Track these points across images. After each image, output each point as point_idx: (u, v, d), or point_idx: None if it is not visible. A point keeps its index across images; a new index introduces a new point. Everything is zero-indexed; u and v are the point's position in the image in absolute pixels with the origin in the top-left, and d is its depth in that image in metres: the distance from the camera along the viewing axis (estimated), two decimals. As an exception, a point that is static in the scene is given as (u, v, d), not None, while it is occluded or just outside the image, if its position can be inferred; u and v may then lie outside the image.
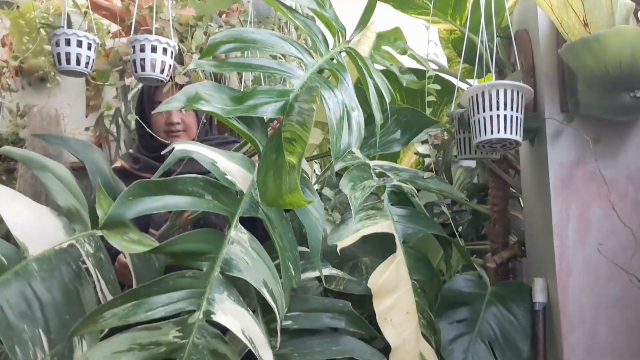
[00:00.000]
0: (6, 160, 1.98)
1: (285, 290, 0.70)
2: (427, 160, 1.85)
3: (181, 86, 1.37)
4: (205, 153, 0.74)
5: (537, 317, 1.28)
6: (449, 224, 2.07)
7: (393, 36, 1.11)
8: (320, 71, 0.91)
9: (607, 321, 1.21)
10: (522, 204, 1.60)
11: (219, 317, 0.58)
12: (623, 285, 1.21)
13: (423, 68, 1.54)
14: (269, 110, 0.71)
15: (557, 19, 1.12)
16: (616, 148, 1.24)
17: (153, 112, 1.22)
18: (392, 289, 0.96)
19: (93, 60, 1.30)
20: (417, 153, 1.78)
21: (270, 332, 0.80)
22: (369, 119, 1.08)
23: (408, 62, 1.67)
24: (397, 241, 1.01)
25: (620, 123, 1.24)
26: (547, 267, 1.30)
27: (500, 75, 1.46)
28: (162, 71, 1.26)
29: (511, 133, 1.12)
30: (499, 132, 1.12)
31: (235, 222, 0.65)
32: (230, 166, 0.75)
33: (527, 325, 1.29)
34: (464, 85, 1.51)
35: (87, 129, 2.02)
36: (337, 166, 0.91)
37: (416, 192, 1.16)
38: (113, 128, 1.95)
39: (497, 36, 1.23)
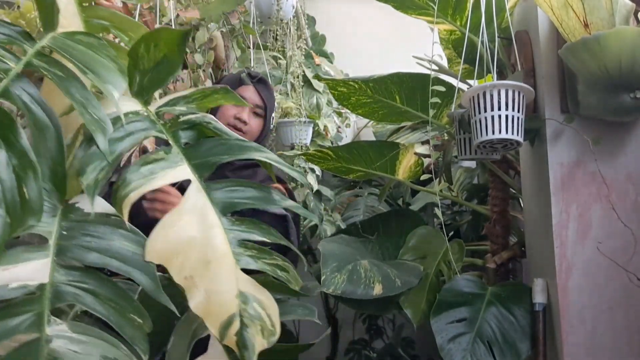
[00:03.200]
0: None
1: (139, 340, 0.65)
2: (426, 161, 1.85)
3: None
4: None
5: (537, 317, 1.28)
6: (449, 224, 2.07)
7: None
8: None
9: (607, 321, 1.21)
10: (522, 205, 1.60)
11: None
12: (623, 285, 1.21)
13: (423, 70, 1.55)
14: None
15: (557, 20, 1.12)
16: (616, 149, 1.24)
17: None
18: (189, 242, 0.75)
19: None
20: (416, 153, 1.78)
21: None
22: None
23: (410, 64, 1.67)
24: (194, 179, 0.78)
25: (620, 124, 1.24)
26: (547, 268, 1.30)
27: (501, 76, 1.46)
28: None
29: (512, 133, 1.12)
30: (500, 132, 1.12)
31: (47, 319, 0.58)
32: None
33: (527, 325, 1.29)
34: (464, 86, 1.51)
35: (87, 129, 2.02)
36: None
37: (213, 119, 0.89)
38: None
39: (497, 37, 1.23)
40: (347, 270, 1.39)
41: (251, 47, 1.93)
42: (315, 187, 2.13)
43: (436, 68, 1.54)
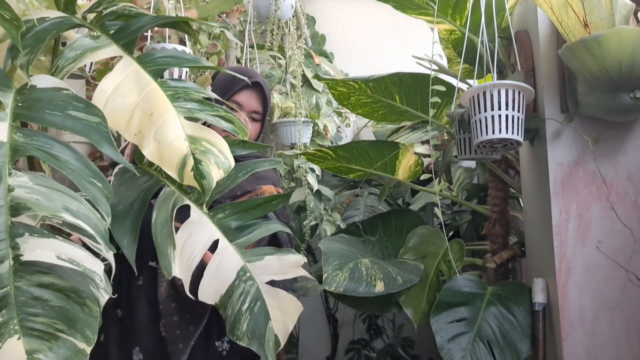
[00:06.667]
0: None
1: (100, 202, 0.71)
2: (426, 161, 1.85)
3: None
4: None
5: (536, 317, 1.29)
6: (449, 224, 2.07)
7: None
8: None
9: (607, 321, 1.22)
10: (522, 204, 1.60)
11: (28, 256, 0.62)
12: (623, 285, 1.21)
13: (423, 70, 1.55)
14: None
15: (557, 20, 1.12)
16: (616, 148, 1.25)
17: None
18: (131, 106, 0.84)
19: (92, 63, 1.32)
20: (416, 153, 1.78)
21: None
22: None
23: (409, 64, 1.67)
24: (124, 55, 0.89)
25: (620, 123, 1.24)
26: (547, 267, 1.30)
27: (500, 75, 1.46)
28: (179, 77, 1.28)
29: (512, 133, 1.12)
30: (500, 132, 1.12)
31: (8, 171, 0.66)
32: None
33: (527, 325, 1.29)
34: (464, 86, 1.51)
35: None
36: None
37: (133, 7, 1.01)
38: (113, 128, 1.95)
39: (497, 37, 1.23)
40: (349, 269, 1.39)
41: (247, 47, 1.93)
42: (315, 187, 2.13)
43: (436, 68, 1.54)
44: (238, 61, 2.07)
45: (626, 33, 1.02)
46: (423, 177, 1.73)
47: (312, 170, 2.12)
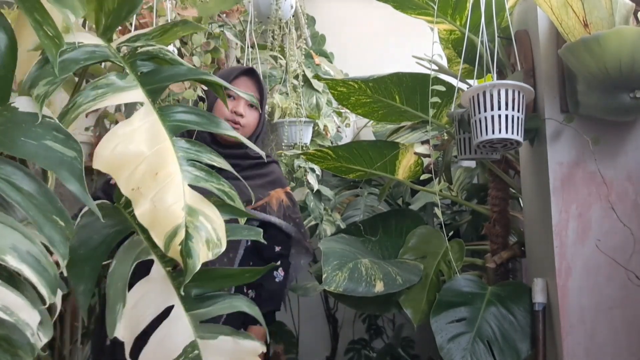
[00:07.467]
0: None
1: (58, 243, 0.64)
2: (426, 161, 1.85)
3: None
4: None
5: (536, 317, 1.29)
6: (449, 224, 2.07)
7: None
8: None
9: (607, 321, 1.22)
10: (522, 205, 1.60)
11: None
12: (623, 285, 1.21)
13: (423, 70, 1.55)
14: None
15: (557, 20, 1.12)
16: (616, 148, 1.25)
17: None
18: (137, 156, 0.78)
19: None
20: (416, 153, 1.78)
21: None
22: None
23: (410, 64, 1.67)
24: (146, 102, 0.83)
25: (620, 124, 1.24)
26: (546, 268, 1.30)
27: (500, 75, 1.46)
28: None
29: (512, 133, 1.12)
30: (500, 132, 1.12)
31: None
32: None
33: (527, 325, 1.29)
34: (463, 86, 1.51)
35: (87, 129, 2.01)
36: None
37: (169, 51, 0.95)
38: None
39: (497, 36, 1.23)
40: (348, 269, 1.39)
41: (248, 46, 1.93)
42: (315, 187, 2.13)
43: (436, 68, 1.54)
44: (238, 61, 2.07)
45: (626, 33, 1.02)
46: (423, 177, 1.73)
47: (312, 170, 2.12)
